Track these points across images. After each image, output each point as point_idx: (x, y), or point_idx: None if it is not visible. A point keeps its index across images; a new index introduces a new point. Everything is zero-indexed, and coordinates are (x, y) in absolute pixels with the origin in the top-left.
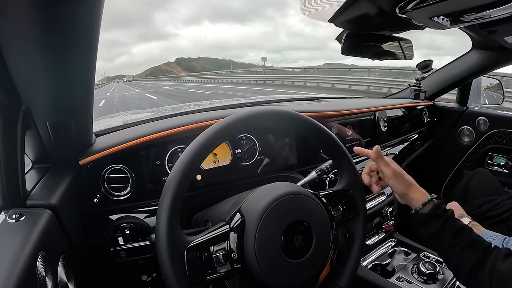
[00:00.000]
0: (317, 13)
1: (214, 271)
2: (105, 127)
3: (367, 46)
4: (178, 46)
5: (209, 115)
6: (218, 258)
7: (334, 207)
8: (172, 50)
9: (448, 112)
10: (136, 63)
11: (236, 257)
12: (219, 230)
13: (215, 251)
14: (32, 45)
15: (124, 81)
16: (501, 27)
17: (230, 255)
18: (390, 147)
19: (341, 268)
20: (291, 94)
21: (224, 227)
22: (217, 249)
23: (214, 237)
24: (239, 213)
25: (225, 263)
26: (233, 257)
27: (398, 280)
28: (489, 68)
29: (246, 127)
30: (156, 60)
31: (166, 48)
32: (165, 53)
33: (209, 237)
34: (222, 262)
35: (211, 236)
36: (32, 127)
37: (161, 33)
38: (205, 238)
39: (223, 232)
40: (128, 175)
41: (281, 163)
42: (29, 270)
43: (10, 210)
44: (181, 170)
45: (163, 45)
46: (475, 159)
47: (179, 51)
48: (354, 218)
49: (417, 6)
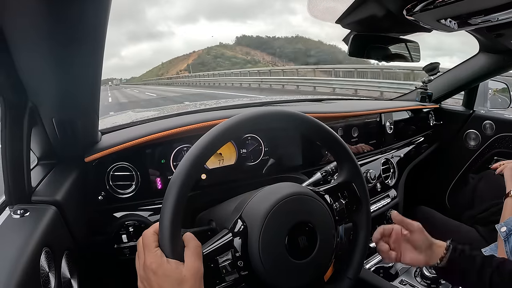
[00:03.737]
0: (324, 14)
1: (222, 280)
2: (111, 125)
3: (374, 48)
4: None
5: (214, 115)
6: (225, 267)
7: (337, 201)
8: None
9: (454, 116)
10: (127, 66)
11: (243, 265)
12: (224, 239)
13: (222, 261)
14: (39, 41)
15: (110, 85)
16: (508, 31)
17: (236, 263)
18: (395, 149)
19: (348, 260)
20: None
21: (228, 235)
22: (223, 258)
23: (219, 247)
24: (241, 220)
25: (233, 271)
26: (240, 265)
27: (401, 283)
28: (496, 71)
29: (251, 127)
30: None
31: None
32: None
33: (214, 247)
34: (229, 271)
35: (216, 246)
36: (38, 124)
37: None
38: (210, 249)
39: (227, 241)
40: (133, 173)
41: (286, 164)
42: (33, 265)
43: (15, 206)
44: (185, 169)
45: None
46: (481, 163)
47: None
48: (357, 209)
49: (424, 8)
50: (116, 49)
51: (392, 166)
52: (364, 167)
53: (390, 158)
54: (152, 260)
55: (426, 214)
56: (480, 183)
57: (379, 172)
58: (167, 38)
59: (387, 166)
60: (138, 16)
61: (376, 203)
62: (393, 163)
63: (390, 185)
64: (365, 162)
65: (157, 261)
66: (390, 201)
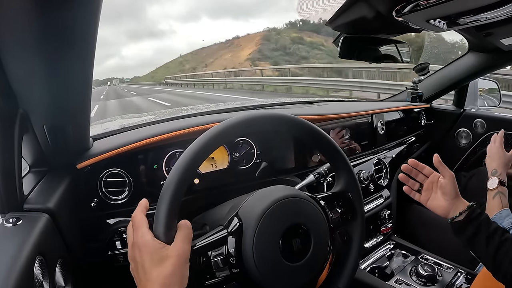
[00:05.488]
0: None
1: (212, 276)
2: (103, 130)
3: (364, 49)
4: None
5: (206, 119)
6: (217, 263)
7: (332, 210)
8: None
9: (445, 115)
10: (128, 66)
11: (235, 262)
12: (217, 235)
13: (214, 256)
14: (29, 48)
15: (109, 85)
16: (497, 29)
17: (228, 259)
18: (387, 150)
19: (339, 270)
20: None
21: (222, 231)
22: (215, 254)
23: (212, 242)
24: (237, 218)
25: (224, 268)
26: (232, 262)
27: (397, 282)
28: (486, 70)
29: (244, 131)
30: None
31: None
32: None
33: (207, 242)
34: (220, 267)
35: (210, 241)
36: (30, 131)
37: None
38: (203, 243)
39: (221, 237)
40: (126, 179)
41: (278, 167)
42: (26, 274)
43: (7, 214)
44: (178, 174)
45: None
46: (472, 161)
47: None
48: (352, 220)
49: (413, 9)
50: (116, 48)
51: (384, 167)
52: (356, 168)
53: (383, 158)
54: (139, 238)
55: (419, 212)
56: (471, 181)
57: (372, 172)
58: (168, 37)
59: (380, 166)
60: (139, 15)
61: (370, 203)
62: (386, 164)
63: (383, 185)
64: (357, 163)
65: (144, 238)
66: (383, 201)
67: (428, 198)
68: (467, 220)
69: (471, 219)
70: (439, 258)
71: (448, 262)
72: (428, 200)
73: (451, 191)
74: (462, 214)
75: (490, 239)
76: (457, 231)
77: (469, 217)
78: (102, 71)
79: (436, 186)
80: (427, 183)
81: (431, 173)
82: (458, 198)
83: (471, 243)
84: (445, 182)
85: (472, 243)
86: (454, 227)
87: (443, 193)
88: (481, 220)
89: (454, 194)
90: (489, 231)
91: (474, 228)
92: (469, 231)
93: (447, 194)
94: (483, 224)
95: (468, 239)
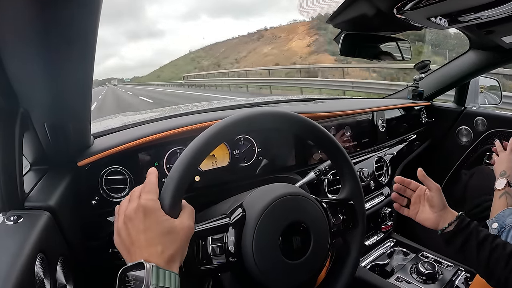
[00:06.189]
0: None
1: (209, 261)
2: (103, 128)
3: (365, 47)
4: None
5: (207, 116)
6: (214, 249)
7: (334, 216)
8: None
9: (446, 113)
10: (127, 66)
11: (233, 251)
12: (219, 222)
13: (212, 241)
14: (29, 46)
15: (108, 85)
16: (498, 27)
17: (227, 248)
18: (388, 147)
19: (333, 280)
20: None
21: (224, 219)
22: (214, 239)
23: (213, 227)
24: (241, 208)
25: (221, 255)
26: (230, 250)
27: (397, 280)
28: (487, 68)
29: (245, 128)
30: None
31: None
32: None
33: (208, 227)
34: (218, 254)
35: (210, 226)
36: (30, 129)
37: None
38: (203, 228)
39: (222, 224)
40: (127, 177)
41: (279, 164)
42: (27, 272)
43: (8, 212)
44: (179, 171)
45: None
46: (473, 159)
47: None
48: (353, 229)
49: (414, 7)
50: (115, 48)
51: (385, 164)
52: (357, 165)
53: (383, 156)
54: (149, 202)
55: None
56: (472, 179)
57: (372, 170)
58: (168, 37)
59: (380, 164)
60: (138, 14)
61: (370, 201)
62: (386, 161)
63: (383, 183)
64: (358, 160)
65: (155, 205)
66: (384, 198)
67: (417, 211)
68: (457, 230)
69: (460, 229)
70: (439, 256)
71: (448, 260)
72: (417, 214)
73: (439, 203)
74: (452, 225)
75: (481, 247)
76: (447, 242)
77: (459, 227)
78: (102, 71)
79: (423, 199)
80: (414, 197)
81: (418, 187)
82: (446, 209)
83: (462, 252)
84: (432, 195)
85: (463, 252)
86: (444, 238)
87: (431, 206)
88: (470, 228)
89: (442, 206)
90: (479, 239)
91: (464, 237)
92: (459, 241)
93: (434, 207)
94: (473, 232)
95: (459, 249)
